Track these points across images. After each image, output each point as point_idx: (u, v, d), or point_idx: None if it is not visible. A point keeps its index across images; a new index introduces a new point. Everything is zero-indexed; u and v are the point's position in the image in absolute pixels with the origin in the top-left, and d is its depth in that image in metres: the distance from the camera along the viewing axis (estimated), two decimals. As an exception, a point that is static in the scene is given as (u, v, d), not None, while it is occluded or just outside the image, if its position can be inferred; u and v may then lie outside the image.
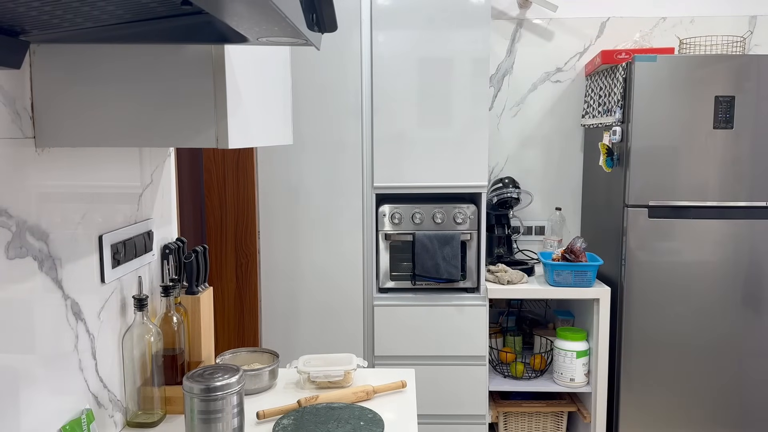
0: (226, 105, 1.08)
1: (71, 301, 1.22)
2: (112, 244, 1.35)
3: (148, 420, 1.42)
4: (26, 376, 1.09)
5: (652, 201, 2.58)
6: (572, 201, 3.20)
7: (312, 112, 2.58)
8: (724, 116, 2.52)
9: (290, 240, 2.68)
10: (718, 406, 2.65)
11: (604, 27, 3.09)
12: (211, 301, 1.66)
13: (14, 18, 0.80)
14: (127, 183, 1.45)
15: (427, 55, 2.55)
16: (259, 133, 1.34)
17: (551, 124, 3.16)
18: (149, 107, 1.09)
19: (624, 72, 2.59)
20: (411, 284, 2.65)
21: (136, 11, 0.78)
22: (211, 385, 1.23)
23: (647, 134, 2.55)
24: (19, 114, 1.07)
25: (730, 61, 2.52)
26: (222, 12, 0.73)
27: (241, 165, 2.73)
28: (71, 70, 1.08)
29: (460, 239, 2.59)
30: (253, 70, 1.26)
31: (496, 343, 2.87)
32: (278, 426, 1.41)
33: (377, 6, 2.52)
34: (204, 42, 1.05)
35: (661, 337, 2.63)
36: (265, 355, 1.75)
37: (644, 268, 2.61)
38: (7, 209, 1.03)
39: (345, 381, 1.65)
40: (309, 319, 2.68)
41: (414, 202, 2.66)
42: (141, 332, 1.39)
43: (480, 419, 2.69)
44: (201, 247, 1.61)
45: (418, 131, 2.59)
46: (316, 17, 0.87)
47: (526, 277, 2.73)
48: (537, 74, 3.13)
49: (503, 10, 3.10)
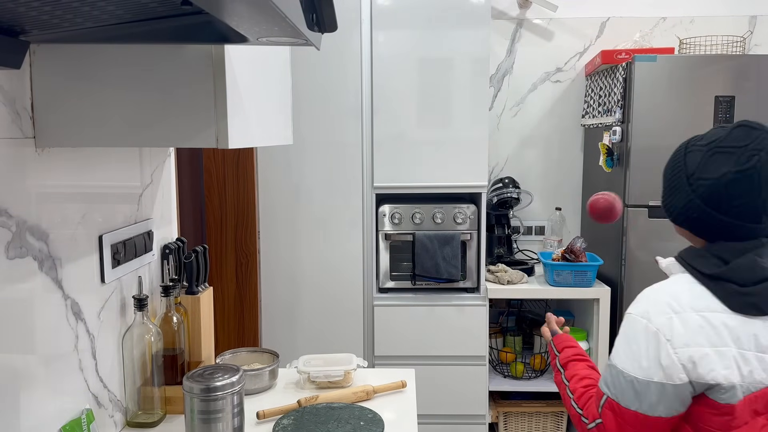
0: (226, 105, 1.08)
1: (71, 301, 1.22)
2: (112, 244, 1.35)
3: (148, 420, 1.42)
4: (26, 376, 1.09)
5: (652, 201, 2.57)
6: (572, 201, 3.20)
7: (312, 112, 2.58)
8: (724, 116, 2.52)
9: (290, 240, 2.68)
10: (718, 406, 2.65)
11: (604, 27, 3.09)
12: (211, 301, 1.66)
13: (14, 18, 0.80)
14: (127, 183, 1.45)
15: (427, 55, 2.55)
16: (259, 133, 1.34)
17: (551, 124, 3.16)
18: (149, 107, 1.09)
19: (624, 72, 2.59)
20: (411, 284, 2.65)
21: (136, 11, 0.78)
22: (211, 385, 1.23)
23: (647, 134, 2.55)
24: (19, 114, 1.07)
25: (730, 61, 2.52)
26: (222, 12, 0.73)
27: (241, 165, 2.73)
28: (71, 70, 1.08)
29: (460, 239, 2.59)
30: (253, 70, 1.26)
31: (496, 343, 2.87)
32: (278, 426, 1.41)
33: (377, 6, 2.52)
34: (204, 42, 1.05)
35: (661, 337, 2.63)
36: (265, 355, 1.75)
37: (644, 268, 2.60)
38: (7, 209, 1.03)
39: (345, 381, 1.65)
40: (309, 319, 2.68)
41: (414, 202, 2.66)
42: (141, 332, 1.39)
43: (480, 419, 2.69)
44: (201, 247, 1.61)
45: (418, 131, 2.58)
46: (316, 17, 0.87)
47: (526, 277, 2.73)
48: (537, 74, 3.13)
49: (503, 10, 3.10)
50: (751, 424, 1.04)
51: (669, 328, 1.07)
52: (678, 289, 1.12)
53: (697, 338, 1.05)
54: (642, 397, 1.07)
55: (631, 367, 1.09)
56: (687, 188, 1.14)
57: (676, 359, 1.05)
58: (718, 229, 1.13)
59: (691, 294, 1.10)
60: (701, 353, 1.04)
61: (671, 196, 1.19)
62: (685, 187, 1.14)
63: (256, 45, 1.07)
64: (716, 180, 1.09)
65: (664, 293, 1.12)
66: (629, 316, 1.14)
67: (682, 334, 1.06)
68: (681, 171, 1.15)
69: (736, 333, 1.05)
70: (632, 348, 1.10)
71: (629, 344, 1.11)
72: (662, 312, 1.09)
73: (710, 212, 1.12)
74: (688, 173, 1.14)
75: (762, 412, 1.05)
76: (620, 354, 1.12)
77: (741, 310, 1.06)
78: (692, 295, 1.09)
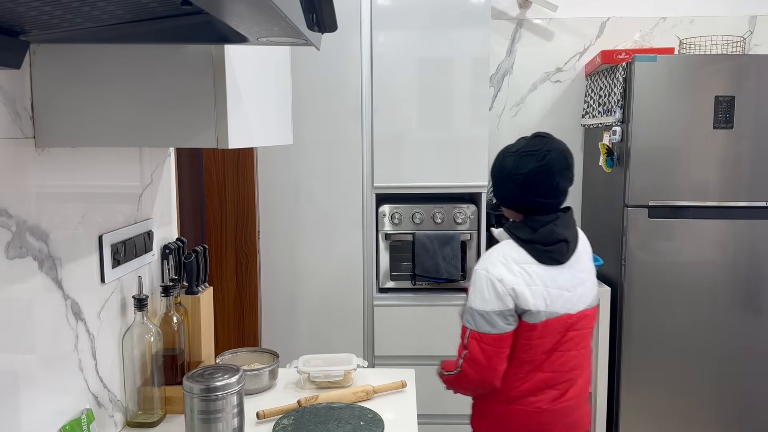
0: (226, 105, 1.08)
1: (71, 301, 1.22)
2: (112, 244, 1.35)
3: (148, 420, 1.42)
4: (26, 376, 1.09)
5: (652, 201, 2.57)
6: (572, 201, 3.19)
7: (312, 112, 2.58)
8: (724, 116, 2.52)
9: (290, 240, 2.68)
10: (718, 406, 2.65)
11: (604, 27, 3.09)
12: (211, 301, 1.66)
13: (14, 18, 0.80)
14: (127, 183, 1.44)
15: (427, 55, 2.55)
16: (259, 133, 1.34)
17: (551, 124, 3.15)
18: (149, 107, 1.09)
19: (624, 72, 2.59)
20: (411, 284, 2.65)
21: (136, 11, 0.78)
22: (211, 385, 1.23)
23: (647, 134, 2.55)
24: (19, 114, 1.07)
25: (730, 61, 2.52)
26: (222, 12, 0.73)
27: (241, 165, 2.73)
28: (71, 70, 1.08)
29: (460, 239, 2.59)
30: (253, 70, 1.26)
31: (496, 343, 2.87)
32: (278, 426, 1.41)
33: (377, 6, 2.52)
34: (204, 42, 1.05)
35: (661, 337, 2.63)
36: (265, 355, 1.75)
37: (644, 268, 2.60)
38: (7, 209, 1.03)
39: (345, 381, 1.65)
40: (309, 319, 2.68)
41: (414, 202, 2.66)
42: (141, 332, 1.39)
43: (480, 419, 2.69)
44: (201, 247, 1.61)
45: (418, 131, 2.59)
46: (316, 17, 0.87)
47: (526, 277, 2.74)
48: (537, 74, 3.13)
49: (503, 10, 3.10)
50: (548, 338, 1.57)
51: (500, 274, 1.55)
52: (505, 249, 1.60)
53: (518, 280, 1.54)
54: (492, 323, 1.55)
55: (481, 305, 1.56)
56: (509, 181, 1.62)
57: (506, 292, 1.54)
58: (529, 206, 1.62)
59: (514, 252, 1.58)
60: (520, 289, 1.54)
61: (499, 188, 1.67)
62: (507, 181, 1.62)
63: (256, 45, 1.07)
64: (526, 173, 1.58)
65: (496, 253, 1.60)
66: (476, 272, 1.60)
67: (509, 277, 1.55)
68: (503, 171, 1.63)
69: (543, 277, 1.56)
70: (480, 292, 1.57)
71: (478, 290, 1.57)
72: (496, 264, 1.57)
73: (524, 195, 1.61)
74: (507, 172, 1.62)
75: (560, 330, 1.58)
76: (473, 299, 1.59)
77: (545, 262, 1.57)
78: (514, 253, 1.58)
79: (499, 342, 1.55)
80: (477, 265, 1.62)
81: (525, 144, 1.62)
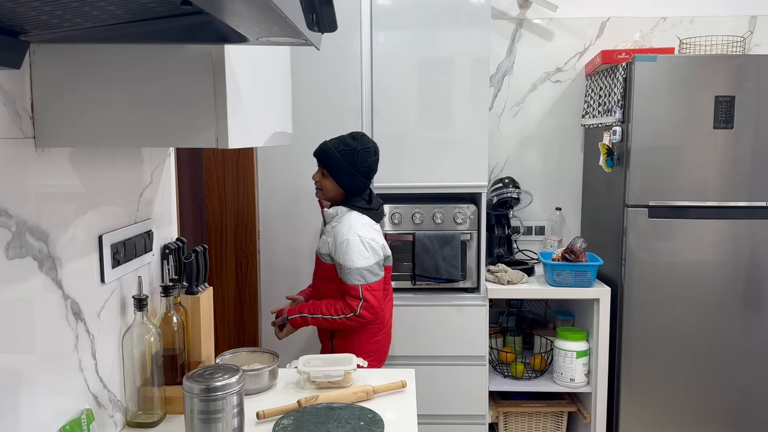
0: (226, 105, 1.08)
1: (71, 301, 1.22)
2: (112, 244, 1.35)
3: (148, 420, 1.42)
4: (26, 376, 1.09)
5: (652, 201, 2.58)
6: (572, 201, 3.20)
7: (312, 112, 2.58)
8: (724, 116, 2.52)
9: (290, 240, 2.68)
10: (718, 406, 2.65)
11: (604, 27, 3.09)
12: (211, 301, 1.66)
13: (14, 18, 0.80)
14: (127, 183, 1.44)
15: (427, 55, 2.55)
16: (259, 133, 1.34)
17: (551, 124, 3.16)
18: (149, 107, 1.09)
19: (624, 72, 2.59)
20: (411, 284, 2.65)
21: (136, 11, 0.78)
22: (211, 385, 1.23)
23: (647, 134, 2.55)
24: (19, 114, 1.07)
25: (730, 61, 2.52)
26: (222, 12, 0.73)
27: (241, 165, 2.73)
28: (71, 70, 1.08)
29: (460, 239, 2.59)
30: (253, 70, 1.26)
31: (496, 343, 2.87)
32: (278, 426, 1.41)
33: (377, 6, 2.52)
34: (204, 42, 1.05)
35: (661, 337, 2.63)
36: (265, 355, 1.75)
37: (644, 268, 2.61)
38: (7, 209, 1.03)
39: (345, 381, 1.65)
40: (309, 319, 2.68)
41: (414, 202, 2.66)
42: (141, 332, 1.39)
43: (480, 419, 2.69)
44: (201, 247, 1.61)
45: (418, 131, 2.59)
46: (316, 17, 0.87)
47: (526, 277, 2.73)
48: (537, 74, 3.13)
49: (503, 10, 3.10)
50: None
51: (370, 234, 2.05)
52: (360, 219, 2.07)
53: (379, 236, 2.11)
54: (375, 272, 2.04)
55: (365, 262, 2.02)
56: (354, 172, 2.06)
57: (378, 245, 2.06)
58: (363, 188, 2.12)
59: (364, 219, 2.08)
60: (382, 242, 2.11)
61: (347, 178, 2.06)
62: (354, 171, 2.05)
63: (256, 45, 1.07)
64: (369, 165, 2.08)
65: (355, 222, 2.05)
66: (348, 241, 2.01)
67: (375, 235, 2.08)
68: (348, 164, 2.04)
69: (379, 231, 2.14)
70: (359, 253, 2.01)
71: (356, 252, 2.01)
72: (362, 229, 2.04)
73: (364, 181, 2.09)
74: (352, 165, 2.05)
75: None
76: (354, 260, 2.01)
77: (378, 220, 2.15)
78: (364, 219, 2.08)
79: (381, 285, 2.07)
80: (342, 236, 2.03)
81: (359, 143, 2.06)
